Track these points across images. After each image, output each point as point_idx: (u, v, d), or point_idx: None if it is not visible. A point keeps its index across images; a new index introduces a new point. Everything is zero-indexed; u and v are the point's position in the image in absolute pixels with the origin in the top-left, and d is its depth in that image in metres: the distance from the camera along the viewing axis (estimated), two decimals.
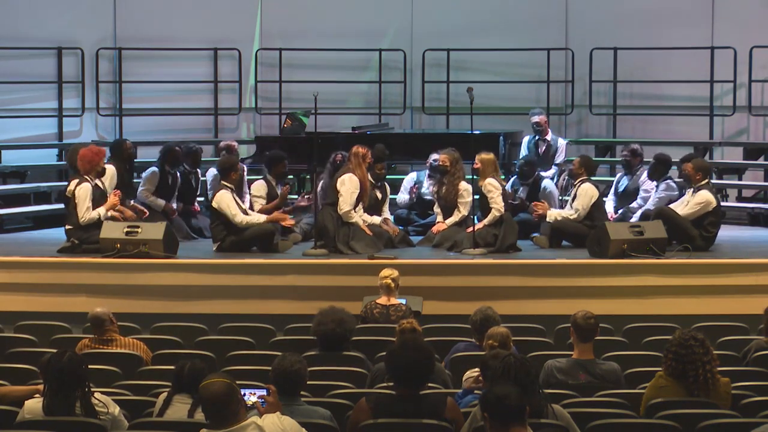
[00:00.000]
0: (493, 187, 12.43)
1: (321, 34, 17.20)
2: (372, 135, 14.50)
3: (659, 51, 16.82)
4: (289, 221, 12.73)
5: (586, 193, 12.73)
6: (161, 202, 13.47)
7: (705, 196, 12.44)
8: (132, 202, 13.11)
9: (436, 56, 17.17)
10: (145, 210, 12.96)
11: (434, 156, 13.44)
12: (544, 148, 14.52)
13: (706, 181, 12.60)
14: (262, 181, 13.16)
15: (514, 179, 13.82)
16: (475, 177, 12.61)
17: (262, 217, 12.49)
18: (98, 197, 12.19)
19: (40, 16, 16.40)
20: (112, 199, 12.25)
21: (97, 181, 12.29)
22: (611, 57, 16.90)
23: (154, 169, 13.62)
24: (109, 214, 12.18)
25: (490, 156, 12.68)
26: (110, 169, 12.63)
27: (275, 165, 13.16)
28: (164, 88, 17.07)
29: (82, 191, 12.10)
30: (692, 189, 12.58)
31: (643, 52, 16.88)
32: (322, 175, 13.01)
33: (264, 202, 12.92)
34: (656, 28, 16.98)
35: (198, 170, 14.09)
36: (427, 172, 13.80)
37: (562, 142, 14.81)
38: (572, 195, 12.94)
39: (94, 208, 12.09)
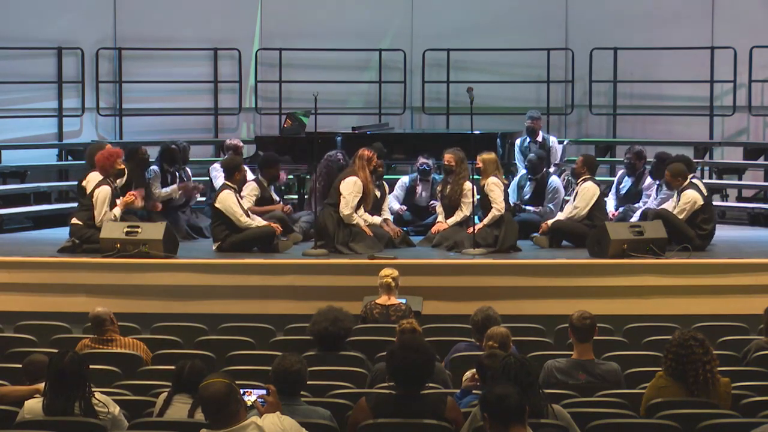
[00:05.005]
0: (495, 186, 12.42)
1: (321, 34, 17.21)
2: (372, 135, 14.49)
3: (659, 51, 16.83)
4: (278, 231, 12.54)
5: (587, 191, 12.72)
6: (168, 189, 13.52)
7: (690, 195, 12.44)
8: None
9: (436, 56, 17.17)
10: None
11: (422, 159, 13.47)
12: (536, 149, 14.49)
13: (688, 181, 12.58)
14: (254, 183, 13.06)
15: (522, 175, 13.85)
16: (476, 177, 12.61)
17: (263, 222, 12.44)
18: (114, 198, 12.17)
19: (40, 16, 16.40)
20: (127, 197, 12.22)
21: (116, 182, 12.33)
22: (611, 57, 16.92)
23: (155, 167, 13.65)
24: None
25: (492, 155, 12.69)
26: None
27: (268, 168, 13.07)
28: (164, 88, 17.08)
29: (102, 194, 12.05)
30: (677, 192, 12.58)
31: (643, 52, 16.89)
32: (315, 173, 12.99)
33: (253, 202, 12.81)
34: (656, 28, 16.99)
35: (187, 167, 14.14)
36: (418, 176, 13.76)
37: (554, 141, 14.81)
38: (574, 193, 12.95)
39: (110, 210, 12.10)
